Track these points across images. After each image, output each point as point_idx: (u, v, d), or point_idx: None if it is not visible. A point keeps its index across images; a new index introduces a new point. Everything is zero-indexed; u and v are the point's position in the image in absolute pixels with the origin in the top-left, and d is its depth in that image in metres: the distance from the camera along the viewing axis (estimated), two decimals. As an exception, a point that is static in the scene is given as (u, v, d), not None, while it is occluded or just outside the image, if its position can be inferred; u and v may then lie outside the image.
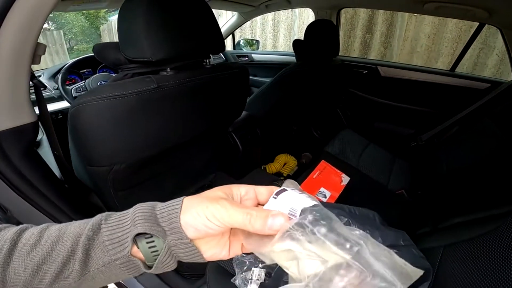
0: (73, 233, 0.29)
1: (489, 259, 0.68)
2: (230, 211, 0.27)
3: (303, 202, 0.28)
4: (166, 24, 0.68)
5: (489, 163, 1.08)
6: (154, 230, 0.27)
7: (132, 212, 0.29)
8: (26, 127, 0.60)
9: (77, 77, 1.54)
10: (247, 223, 0.27)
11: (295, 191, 0.29)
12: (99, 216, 0.30)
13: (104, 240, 0.28)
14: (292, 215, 0.27)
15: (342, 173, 1.21)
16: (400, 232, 0.88)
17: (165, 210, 0.29)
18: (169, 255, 0.28)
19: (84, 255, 0.27)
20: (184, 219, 0.28)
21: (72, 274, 0.28)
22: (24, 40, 0.53)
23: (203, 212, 0.27)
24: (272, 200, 0.29)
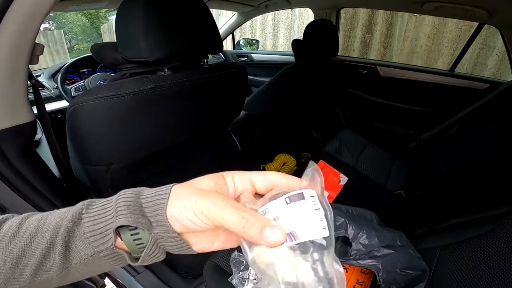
0: (53, 224, 0.27)
1: (486, 260, 0.68)
2: (222, 210, 0.24)
3: (312, 231, 0.22)
4: (163, 24, 0.68)
5: (488, 164, 1.08)
6: (138, 223, 0.25)
7: (115, 201, 0.26)
8: (24, 127, 0.61)
9: (76, 77, 1.55)
10: (239, 228, 0.23)
11: (313, 203, 0.23)
12: (80, 204, 0.27)
13: (85, 231, 0.26)
14: (290, 238, 0.22)
15: (340, 173, 1.21)
16: (397, 233, 0.88)
17: (151, 199, 0.26)
18: (156, 247, 0.26)
19: (63, 248, 0.26)
20: (170, 212, 0.25)
21: (53, 267, 0.26)
22: (22, 40, 0.53)
23: (191, 207, 0.25)
24: (282, 204, 0.23)
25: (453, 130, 1.49)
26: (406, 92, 1.78)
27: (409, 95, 1.76)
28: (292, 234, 0.22)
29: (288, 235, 0.22)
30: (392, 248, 0.81)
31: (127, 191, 0.27)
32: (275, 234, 0.22)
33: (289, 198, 0.23)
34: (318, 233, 0.22)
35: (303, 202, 0.22)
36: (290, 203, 0.22)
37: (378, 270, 0.78)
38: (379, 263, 0.78)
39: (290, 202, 0.23)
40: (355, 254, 0.79)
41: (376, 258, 0.79)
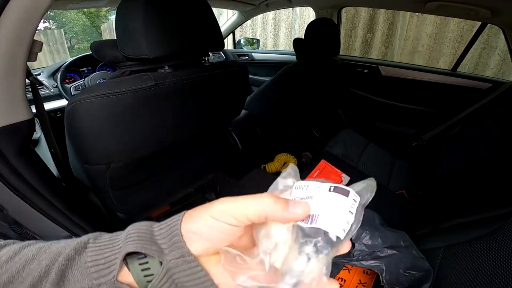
0: (54, 251, 0.25)
1: (490, 260, 0.68)
2: (239, 201, 0.23)
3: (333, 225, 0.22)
4: (164, 21, 0.67)
5: (491, 164, 1.08)
6: (147, 249, 0.23)
7: (126, 231, 0.25)
8: (21, 125, 0.60)
9: (76, 75, 1.54)
10: (263, 206, 0.22)
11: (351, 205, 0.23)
12: (89, 235, 0.26)
13: (87, 260, 0.23)
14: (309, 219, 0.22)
15: (342, 173, 1.20)
16: (400, 233, 0.87)
17: (165, 225, 0.24)
18: (167, 279, 0.23)
19: (58, 276, 0.23)
20: (184, 228, 0.23)
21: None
22: (20, 37, 0.52)
23: (207, 213, 0.23)
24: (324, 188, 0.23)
25: (455, 130, 1.49)
26: (407, 92, 1.77)
27: (411, 94, 1.76)
28: (314, 217, 0.22)
29: (310, 216, 0.22)
30: (395, 249, 0.80)
31: (140, 222, 0.26)
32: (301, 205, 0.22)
33: (334, 187, 0.23)
34: (336, 230, 0.22)
35: (343, 198, 0.22)
36: (332, 192, 0.23)
37: (382, 271, 0.77)
38: (382, 264, 0.78)
39: (332, 191, 0.23)
40: (358, 255, 0.79)
41: (380, 258, 0.78)
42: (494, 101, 1.35)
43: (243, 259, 0.23)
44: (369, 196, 0.24)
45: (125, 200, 0.96)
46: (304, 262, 0.22)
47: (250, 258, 0.23)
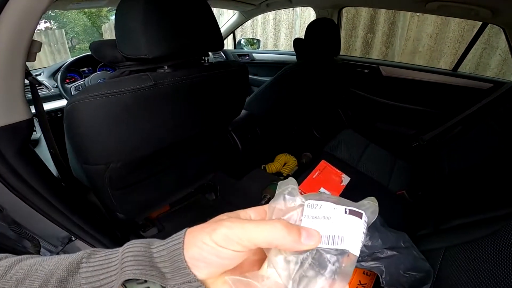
0: (45, 271, 0.23)
1: (491, 261, 0.67)
2: (248, 227, 0.21)
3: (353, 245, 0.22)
4: (163, 21, 0.67)
5: (492, 164, 1.07)
6: (147, 275, 0.21)
7: (122, 251, 0.23)
8: (20, 125, 0.60)
9: (77, 76, 1.54)
10: (274, 236, 0.21)
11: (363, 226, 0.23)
12: (82, 252, 0.24)
13: (82, 282, 0.22)
14: (331, 241, 0.22)
15: (342, 173, 1.20)
16: (400, 234, 0.87)
17: (164, 247, 0.23)
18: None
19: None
20: (188, 255, 0.21)
21: None
22: (18, 37, 0.52)
23: (210, 238, 0.21)
24: (340, 210, 0.23)
25: (456, 130, 1.48)
26: (408, 92, 1.77)
27: (412, 94, 1.75)
28: (336, 238, 0.22)
29: (330, 237, 0.22)
30: (395, 250, 0.80)
31: (136, 242, 0.24)
32: (314, 236, 0.21)
33: (349, 210, 0.23)
34: (356, 250, 0.23)
35: (358, 220, 0.23)
36: (348, 214, 0.23)
37: (382, 272, 0.77)
38: (382, 265, 0.77)
39: (348, 213, 0.23)
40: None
41: (379, 260, 0.78)
42: (495, 101, 1.35)
43: (255, 286, 0.22)
44: (373, 218, 0.25)
45: (124, 200, 0.96)
46: (328, 283, 0.22)
47: (261, 282, 0.22)
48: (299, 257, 0.22)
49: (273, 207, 0.25)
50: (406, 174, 1.43)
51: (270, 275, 0.22)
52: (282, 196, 0.25)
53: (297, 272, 0.22)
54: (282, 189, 0.25)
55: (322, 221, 0.23)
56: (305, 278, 0.22)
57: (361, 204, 0.25)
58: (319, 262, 0.22)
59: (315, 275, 0.22)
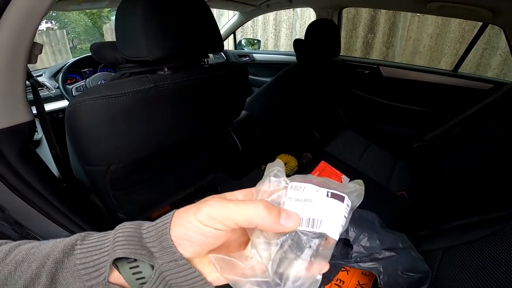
0: (42, 253, 0.25)
1: (489, 262, 0.67)
2: (230, 206, 0.22)
3: (333, 229, 0.23)
4: (163, 23, 0.68)
5: (492, 165, 1.07)
6: (136, 254, 0.23)
7: (114, 233, 0.25)
8: (22, 126, 0.60)
9: (78, 76, 1.54)
10: (255, 216, 0.21)
11: (345, 210, 0.24)
12: (76, 235, 0.26)
13: (77, 263, 0.24)
14: (310, 224, 0.23)
15: (342, 174, 1.20)
16: (399, 235, 0.87)
17: (153, 228, 0.24)
18: (160, 282, 0.23)
19: (49, 280, 0.23)
20: (174, 234, 0.23)
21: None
22: (20, 39, 0.53)
23: (195, 218, 0.22)
24: (322, 193, 0.24)
25: (456, 131, 1.48)
26: (408, 93, 1.77)
27: (412, 95, 1.75)
28: (315, 221, 0.23)
29: (310, 220, 0.23)
30: (394, 251, 0.80)
31: (127, 223, 0.25)
32: (293, 218, 0.22)
33: (331, 194, 0.23)
34: (335, 234, 0.23)
35: (339, 204, 0.23)
36: (330, 198, 0.23)
37: (379, 273, 0.77)
38: (380, 265, 0.77)
39: (330, 196, 0.23)
40: (356, 257, 0.79)
41: (378, 260, 0.78)
42: (495, 102, 1.35)
43: (237, 265, 0.23)
44: (358, 201, 0.25)
45: (125, 201, 0.96)
46: (305, 265, 0.23)
47: (244, 262, 0.23)
48: (280, 239, 0.23)
49: (259, 189, 0.25)
50: (406, 175, 1.43)
51: (252, 255, 0.23)
52: (268, 178, 0.25)
53: (277, 253, 0.22)
54: (269, 171, 0.26)
55: (304, 204, 0.23)
56: (285, 259, 0.23)
57: (346, 186, 0.25)
58: (297, 244, 0.23)
59: (294, 257, 0.23)
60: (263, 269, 0.22)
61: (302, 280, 0.23)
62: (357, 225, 0.81)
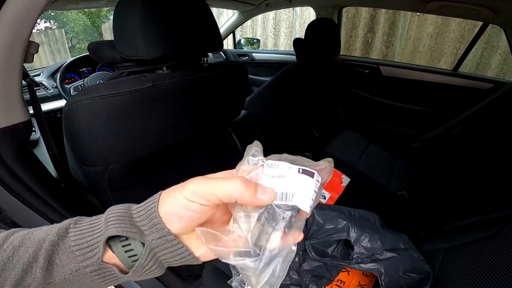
0: (38, 238, 0.26)
1: (491, 263, 0.67)
2: (212, 183, 0.24)
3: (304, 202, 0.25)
4: (161, 22, 0.67)
5: (492, 165, 1.07)
6: (128, 232, 0.24)
7: (105, 215, 0.26)
8: (18, 126, 0.60)
9: (76, 76, 1.53)
10: (234, 190, 0.23)
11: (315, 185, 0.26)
12: (68, 220, 0.27)
13: (71, 245, 0.25)
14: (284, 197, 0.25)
15: (342, 174, 1.19)
16: (400, 235, 0.86)
17: (143, 208, 0.26)
18: (151, 258, 0.25)
19: (46, 262, 0.25)
20: (162, 211, 0.25)
21: (34, 282, 0.25)
22: (15, 38, 0.52)
23: (181, 194, 0.24)
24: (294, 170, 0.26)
25: (456, 131, 1.47)
26: (408, 92, 1.76)
27: (412, 95, 1.75)
28: (288, 195, 0.25)
29: (283, 194, 0.25)
30: (395, 251, 0.79)
31: (116, 206, 0.27)
32: (268, 193, 0.24)
33: (302, 170, 0.26)
34: (306, 206, 0.25)
35: (310, 179, 0.26)
36: (301, 173, 0.26)
37: (381, 274, 0.76)
38: (381, 266, 0.77)
39: (301, 173, 0.26)
40: (357, 258, 0.78)
41: (379, 261, 0.77)
42: (495, 101, 1.34)
43: (221, 238, 0.25)
44: (327, 177, 0.28)
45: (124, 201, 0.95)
46: (280, 236, 0.25)
47: (227, 235, 0.25)
48: (258, 212, 0.25)
49: (239, 169, 0.27)
50: (406, 175, 1.42)
51: (234, 229, 0.25)
52: (247, 158, 0.28)
53: (255, 226, 0.25)
54: (248, 152, 0.28)
55: (278, 180, 0.25)
56: (263, 232, 0.25)
57: (317, 164, 0.27)
58: (273, 217, 0.25)
59: (271, 229, 0.25)
60: (244, 241, 0.24)
61: (278, 250, 0.25)
62: (358, 226, 0.81)
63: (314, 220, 0.85)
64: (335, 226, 0.82)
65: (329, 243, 0.85)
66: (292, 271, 0.81)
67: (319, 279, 0.83)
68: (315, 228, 0.84)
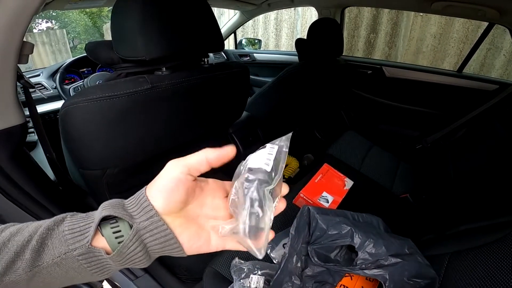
0: (35, 225, 0.27)
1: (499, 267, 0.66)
2: (187, 157, 0.28)
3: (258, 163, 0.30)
4: (161, 21, 0.65)
5: (498, 168, 1.05)
6: (119, 213, 0.26)
7: (101, 205, 0.28)
8: (13, 129, 0.58)
9: (76, 76, 1.52)
10: (204, 154, 0.28)
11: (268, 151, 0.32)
12: (65, 213, 0.28)
13: (64, 230, 0.26)
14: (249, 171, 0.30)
15: (345, 177, 1.17)
16: (405, 240, 0.85)
17: (134, 197, 0.28)
18: (136, 240, 0.26)
19: (38, 243, 0.26)
20: (148, 192, 0.27)
21: (23, 265, 0.25)
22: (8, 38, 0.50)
23: (161, 174, 0.28)
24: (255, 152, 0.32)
25: (461, 133, 1.45)
26: (412, 93, 1.74)
27: (416, 96, 1.73)
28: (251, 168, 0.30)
29: (249, 169, 0.30)
30: (399, 257, 0.78)
31: (111, 199, 0.29)
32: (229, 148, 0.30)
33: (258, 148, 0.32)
34: (262, 165, 0.30)
35: (264, 149, 0.32)
36: (258, 150, 0.32)
37: (385, 280, 0.74)
38: (386, 272, 0.75)
39: (258, 150, 0.32)
40: (361, 264, 0.76)
41: (383, 267, 0.76)
42: (501, 103, 1.32)
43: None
44: (285, 143, 0.33)
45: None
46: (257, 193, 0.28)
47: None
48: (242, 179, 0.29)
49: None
50: (409, 177, 1.40)
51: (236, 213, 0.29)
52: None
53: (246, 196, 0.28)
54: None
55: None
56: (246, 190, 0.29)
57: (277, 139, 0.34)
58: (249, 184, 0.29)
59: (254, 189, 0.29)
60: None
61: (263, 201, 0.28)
62: (362, 231, 0.79)
63: (318, 225, 0.83)
64: (339, 232, 0.80)
65: (332, 248, 0.83)
66: (294, 277, 0.79)
67: (322, 284, 0.81)
68: (318, 234, 0.83)
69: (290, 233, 0.84)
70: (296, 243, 0.82)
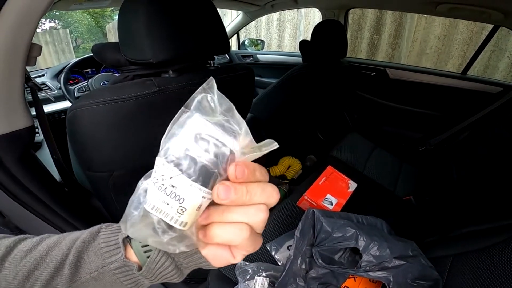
0: (72, 237, 0.27)
1: (502, 270, 0.66)
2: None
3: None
4: (167, 24, 0.65)
5: (501, 171, 1.05)
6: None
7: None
8: (21, 132, 0.58)
9: (80, 77, 1.53)
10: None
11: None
12: (100, 225, 0.28)
13: (100, 242, 0.26)
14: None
15: (349, 179, 1.18)
16: (408, 242, 0.85)
17: None
18: (163, 254, 0.25)
19: (75, 258, 0.26)
20: None
21: (62, 280, 0.25)
22: (17, 40, 0.50)
23: None
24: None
25: (464, 135, 1.45)
26: (416, 95, 1.74)
27: (419, 98, 1.72)
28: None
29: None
30: (403, 259, 0.78)
31: None
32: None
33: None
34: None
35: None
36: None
37: (389, 282, 0.75)
38: (390, 275, 0.75)
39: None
40: (365, 266, 0.77)
41: (387, 269, 0.76)
42: (505, 105, 1.32)
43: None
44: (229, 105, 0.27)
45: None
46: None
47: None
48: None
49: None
50: (413, 179, 1.40)
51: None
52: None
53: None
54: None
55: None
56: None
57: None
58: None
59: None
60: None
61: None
62: (366, 234, 0.79)
63: (322, 228, 0.84)
64: (344, 234, 0.80)
65: (336, 250, 0.83)
66: (298, 278, 0.80)
67: (326, 286, 0.82)
68: (323, 236, 0.83)
69: (295, 235, 0.84)
70: (301, 245, 0.82)
